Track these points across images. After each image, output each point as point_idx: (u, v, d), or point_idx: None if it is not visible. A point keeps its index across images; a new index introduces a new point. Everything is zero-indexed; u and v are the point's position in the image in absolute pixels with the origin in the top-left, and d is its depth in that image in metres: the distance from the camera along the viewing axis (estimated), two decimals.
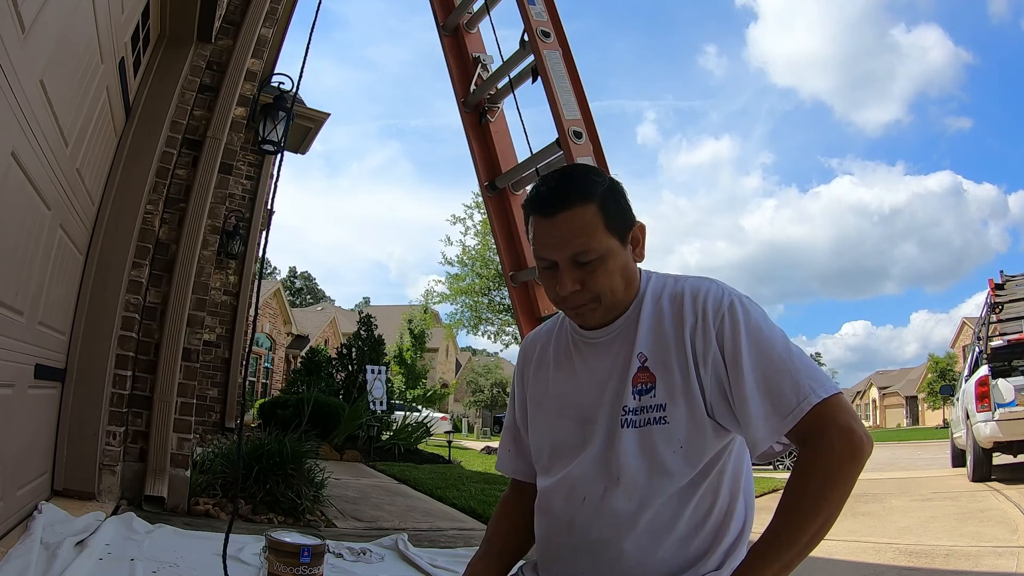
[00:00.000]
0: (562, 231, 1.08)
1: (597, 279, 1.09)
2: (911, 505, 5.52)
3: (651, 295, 1.15)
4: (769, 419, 1.01)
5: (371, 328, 11.14)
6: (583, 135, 3.27)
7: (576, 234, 1.08)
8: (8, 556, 2.09)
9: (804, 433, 1.00)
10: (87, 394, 3.13)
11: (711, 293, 1.10)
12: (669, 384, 1.08)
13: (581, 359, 1.19)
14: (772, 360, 1.03)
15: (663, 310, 1.12)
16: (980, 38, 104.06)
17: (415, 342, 24.92)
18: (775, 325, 1.08)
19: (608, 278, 1.10)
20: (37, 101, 1.99)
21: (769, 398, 1.01)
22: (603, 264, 1.09)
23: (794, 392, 1.00)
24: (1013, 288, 8.67)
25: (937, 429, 25.91)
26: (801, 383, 1.00)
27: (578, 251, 1.08)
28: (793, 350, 1.05)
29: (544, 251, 1.11)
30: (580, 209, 1.08)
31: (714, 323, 1.07)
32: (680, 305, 1.11)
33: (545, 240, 1.11)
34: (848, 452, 0.96)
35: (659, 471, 1.07)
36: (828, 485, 0.96)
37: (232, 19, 4.03)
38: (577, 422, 1.15)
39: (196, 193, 3.69)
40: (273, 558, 1.62)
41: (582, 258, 1.08)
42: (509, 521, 1.31)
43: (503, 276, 4.67)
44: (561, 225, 1.09)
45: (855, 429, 0.98)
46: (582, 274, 1.09)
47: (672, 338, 1.10)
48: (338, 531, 3.63)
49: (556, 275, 1.11)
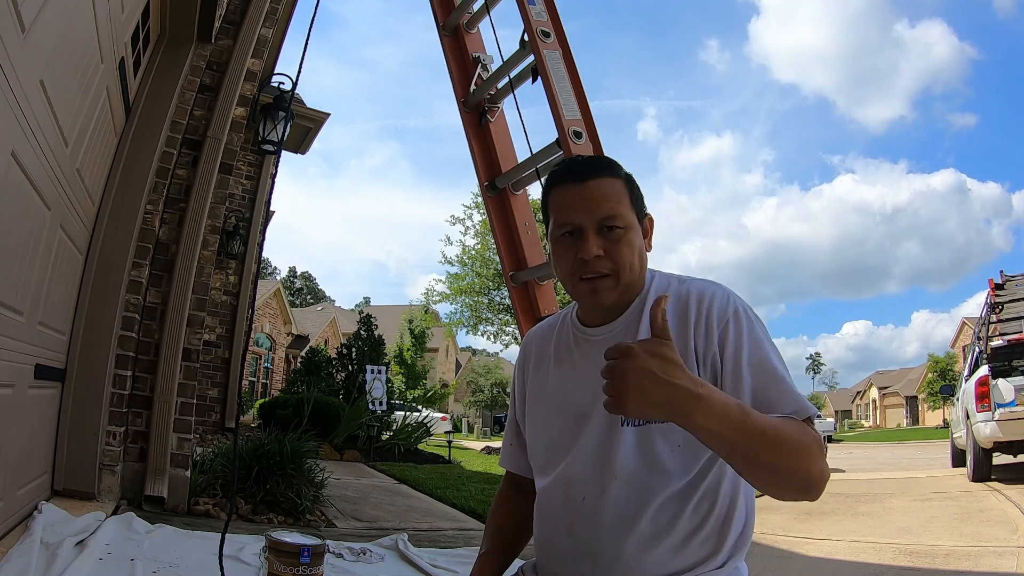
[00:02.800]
0: (593, 195, 1.11)
1: (620, 249, 1.10)
2: (911, 505, 5.51)
3: (654, 293, 1.15)
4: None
5: (371, 328, 11.14)
6: (583, 135, 3.27)
7: (607, 198, 1.11)
8: (8, 556, 2.09)
9: None
10: (87, 394, 3.13)
11: (716, 297, 1.11)
12: None
13: (582, 355, 1.19)
14: (770, 372, 1.05)
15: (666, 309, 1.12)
16: (985, 33, 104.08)
17: (415, 342, 24.90)
18: (774, 344, 1.10)
19: (630, 251, 1.11)
20: (37, 101, 1.99)
21: (765, 402, 1.03)
22: (627, 236, 1.11)
23: (789, 404, 1.02)
24: (1013, 288, 8.67)
25: (937, 429, 25.91)
26: (796, 398, 1.03)
27: (608, 215, 1.10)
28: (785, 367, 1.08)
29: (571, 215, 1.12)
30: (610, 179, 1.13)
31: (718, 327, 1.08)
32: (685, 306, 1.11)
33: (574, 204, 1.12)
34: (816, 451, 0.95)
35: (657, 470, 1.07)
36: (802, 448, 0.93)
37: (232, 19, 4.03)
38: (572, 418, 1.15)
39: (196, 193, 3.69)
40: (273, 558, 1.62)
41: (610, 222, 1.10)
42: (508, 516, 1.33)
43: (503, 276, 4.67)
44: (592, 190, 1.11)
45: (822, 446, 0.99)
46: (606, 242, 1.10)
47: (676, 339, 1.09)
48: (338, 531, 3.63)
49: (577, 243, 1.11)
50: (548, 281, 3.59)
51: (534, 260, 3.60)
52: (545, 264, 3.52)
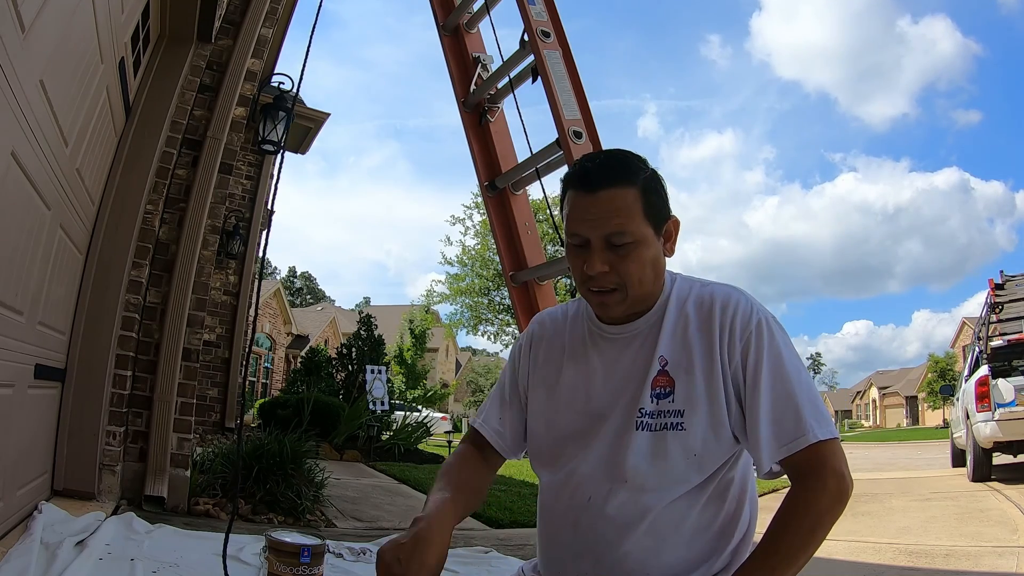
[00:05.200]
0: (602, 208, 1.07)
1: (628, 265, 1.07)
2: (911, 505, 5.51)
3: (676, 299, 1.14)
4: (770, 444, 1.03)
5: (371, 328, 11.13)
6: (583, 135, 3.26)
7: (615, 214, 1.06)
8: (8, 556, 2.09)
9: (798, 468, 1.03)
10: (87, 394, 3.13)
11: (740, 306, 1.10)
12: (690, 391, 1.07)
13: (597, 353, 1.16)
14: (785, 388, 1.04)
15: (688, 315, 1.11)
16: (990, 28, 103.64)
17: (416, 342, 24.89)
18: (795, 353, 1.09)
19: (639, 266, 1.08)
20: (37, 101, 1.99)
21: (773, 424, 1.03)
22: (636, 250, 1.07)
23: (796, 424, 1.02)
24: (1013, 288, 8.67)
25: (937, 429, 25.89)
26: (805, 419, 1.02)
27: (614, 231, 1.06)
28: (805, 383, 1.06)
29: (579, 227, 1.09)
30: (622, 190, 1.07)
31: (741, 338, 1.07)
32: (709, 313, 1.10)
33: (582, 216, 1.09)
34: (838, 495, 1.00)
35: (669, 476, 1.06)
36: (819, 524, 0.98)
37: (232, 19, 4.03)
38: (585, 416, 1.14)
39: (196, 193, 3.69)
40: (273, 558, 1.62)
41: (616, 239, 1.07)
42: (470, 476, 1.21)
43: (503, 276, 4.67)
44: (601, 202, 1.07)
45: (845, 475, 1.01)
46: (613, 257, 1.07)
47: (698, 346, 1.09)
48: (338, 531, 3.63)
49: (584, 255, 1.09)
50: (548, 281, 3.59)
51: (534, 260, 3.59)
52: (545, 264, 3.51)
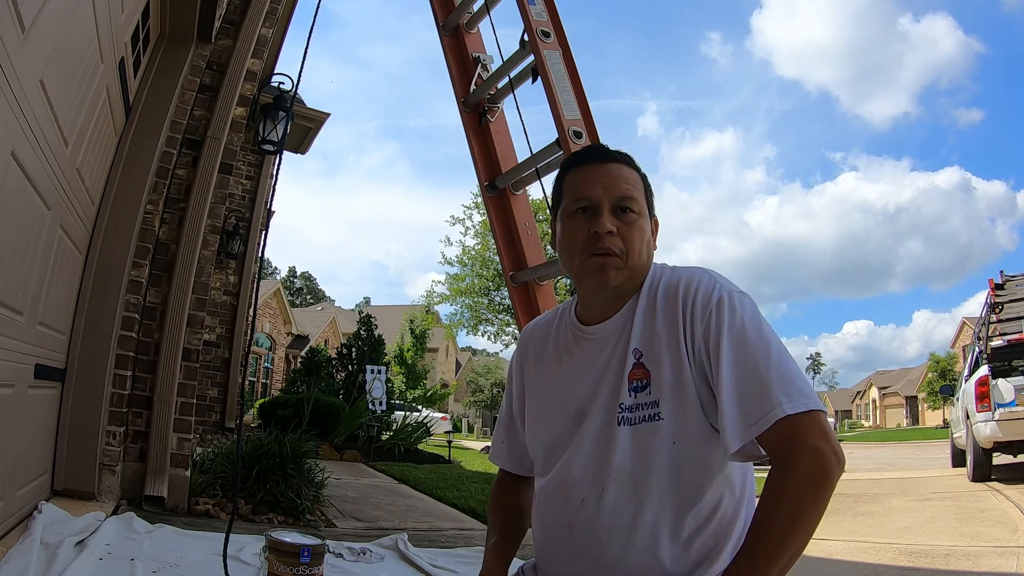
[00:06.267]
0: (613, 175, 1.15)
1: (632, 232, 1.12)
2: (911, 505, 5.52)
3: (647, 287, 1.14)
4: (736, 424, 0.98)
5: (371, 328, 11.14)
6: (583, 135, 3.26)
7: (626, 180, 1.15)
8: (8, 556, 2.09)
9: (772, 448, 0.97)
10: (87, 394, 3.13)
11: (702, 285, 1.08)
12: (660, 380, 1.06)
13: (581, 353, 1.17)
14: (749, 364, 0.99)
15: (657, 303, 1.11)
16: (992, 27, 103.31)
17: (416, 342, 24.89)
18: (764, 326, 1.04)
19: (641, 236, 1.13)
20: (37, 101, 1.99)
21: (739, 403, 0.98)
22: (639, 221, 1.14)
23: (761, 401, 0.96)
24: (1013, 288, 8.67)
25: (937, 429, 25.89)
26: (771, 394, 0.96)
27: (625, 195, 1.13)
28: (774, 356, 1.00)
29: (589, 190, 1.14)
30: (629, 169, 1.18)
31: (702, 317, 1.05)
32: (674, 297, 1.09)
33: (592, 180, 1.14)
34: (815, 475, 0.92)
35: (654, 470, 1.05)
36: (798, 511, 0.92)
37: (232, 19, 4.02)
38: (570, 417, 1.14)
39: (196, 193, 3.69)
40: (273, 558, 1.62)
41: (626, 203, 1.13)
42: (510, 507, 1.32)
43: (503, 276, 4.67)
44: (612, 170, 1.15)
45: (822, 449, 0.93)
46: (620, 223, 1.12)
47: (664, 332, 1.08)
48: (338, 531, 3.63)
49: (591, 218, 1.13)
50: (548, 281, 3.59)
51: (534, 260, 3.60)
52: (545, 264, 3.52)
